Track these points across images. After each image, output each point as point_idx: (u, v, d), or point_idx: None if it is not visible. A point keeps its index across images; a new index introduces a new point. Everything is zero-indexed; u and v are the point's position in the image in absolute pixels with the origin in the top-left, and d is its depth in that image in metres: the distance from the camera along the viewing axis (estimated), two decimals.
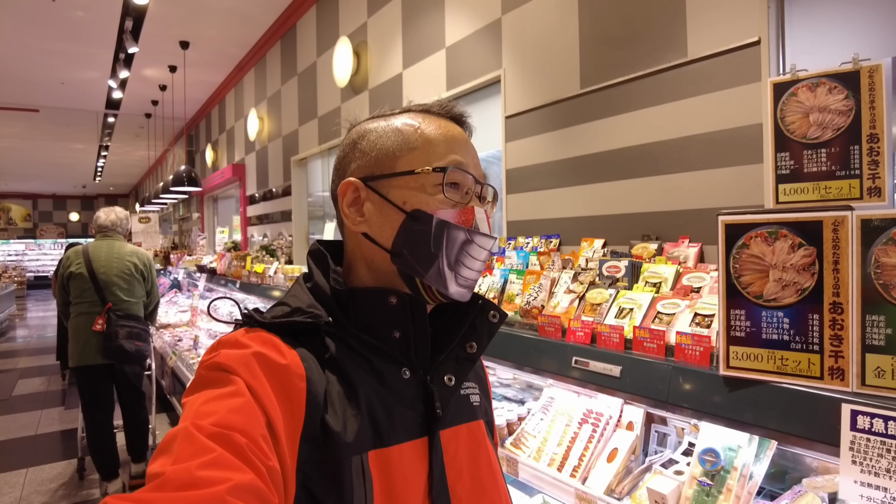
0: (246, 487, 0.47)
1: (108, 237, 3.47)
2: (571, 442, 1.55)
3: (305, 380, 0.60)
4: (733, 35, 1.77)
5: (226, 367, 0.58)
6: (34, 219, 22.04)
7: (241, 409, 0.54)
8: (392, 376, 0.67)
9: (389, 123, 0.75)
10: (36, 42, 6.44)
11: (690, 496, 1.25)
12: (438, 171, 0.70)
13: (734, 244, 1.15)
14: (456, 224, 0.70)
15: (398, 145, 0.72)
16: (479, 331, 0.75)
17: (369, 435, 0.62)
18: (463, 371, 0.73)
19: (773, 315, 1.10)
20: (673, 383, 1.23)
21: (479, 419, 0.78)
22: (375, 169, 0.73)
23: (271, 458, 0.53)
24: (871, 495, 0.93)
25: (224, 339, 0.64)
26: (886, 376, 0.98)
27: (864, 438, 0.95)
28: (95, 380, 3.30)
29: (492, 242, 0.74)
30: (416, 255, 0.69)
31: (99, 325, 3.22)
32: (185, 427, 0.51)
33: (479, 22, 3.04)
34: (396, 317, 0.68)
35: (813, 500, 1.21)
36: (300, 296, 0.71)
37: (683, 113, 1.92)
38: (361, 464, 0.60)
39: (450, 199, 0.70)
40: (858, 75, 1.28)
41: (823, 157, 1.33)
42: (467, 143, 0.76)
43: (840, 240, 1.04)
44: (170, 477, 0.46)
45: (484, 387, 0.86)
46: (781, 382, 1.06)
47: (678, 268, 1.60)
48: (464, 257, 0.70)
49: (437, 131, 0.74)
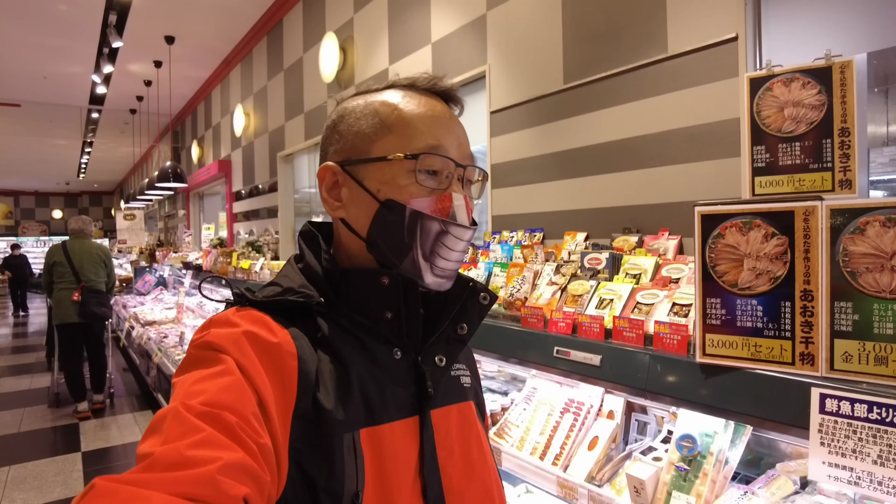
0: (237, 466, 0.47)
1: (79, 237, 5.04)
2: (553, 431, 1.58)
3: (297, 358, 0.60)
4: (712, 31, 1.80)
5: (216, 346, 0.57)
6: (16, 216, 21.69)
7: (231, 387, 0.53)
8: (384, 356, 0.67)
9: (369, 103, 0.72)
10: (18, 35, 6.34)
11: (668, 481, 1.28)
12: (410, 158, 0.68)
13: (710, 234, 1.17)
14: (431, 214, 0.68)
15: (374, 128, 0.70)
16: (469, 312, 0.74)
17: (361, 413, 0.62)
18: (454, 352, 0.73)
19: (747, 303, 1.13)
20: (651, 371, 1.26)
21: (469, 400, 0.78)
22: (352, 153, 0.71)
23: (263, 436, 0.53)
24: (839, 475, 0.96)
25: (215, 318, 0.63)
26: (853, 361, 1.01)
27: (831, 421, 0.98)
28: (72, 333, 4.87)
29: (469, 233, 0.71)
30: (389, 246, 0.68)
31: (76, 297, 4.75)
32: (175, 407, 0.50)
33: (464, 17, 3.06)
34: (388, 297, 0.67)
35: (785, 483, 1.24)
36: (292, 276, 0.70)
37: (664, 108, 1.95)
38: (353, 441, 0.60)
39: (424, 186, 0.68)
40: (830, 71, 1.32)
41: (797, 150, 1.36)
42: (450, 122, 0.72)
43: (811, 229, 1.06)
44: (159, 457, 0.45)
45: (474, 369, 0.86)
46: (755, 368, 1.08)
47: (658, 259, 1.63)
48: (439, 248, 0.69)
49: (416, 111, 0.70)
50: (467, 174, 0.73)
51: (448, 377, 0.74)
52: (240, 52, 6.87)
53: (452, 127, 0.72)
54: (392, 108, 0.71)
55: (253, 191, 6.71)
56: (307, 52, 5.09)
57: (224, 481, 0.45)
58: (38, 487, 3.55)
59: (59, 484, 3.61)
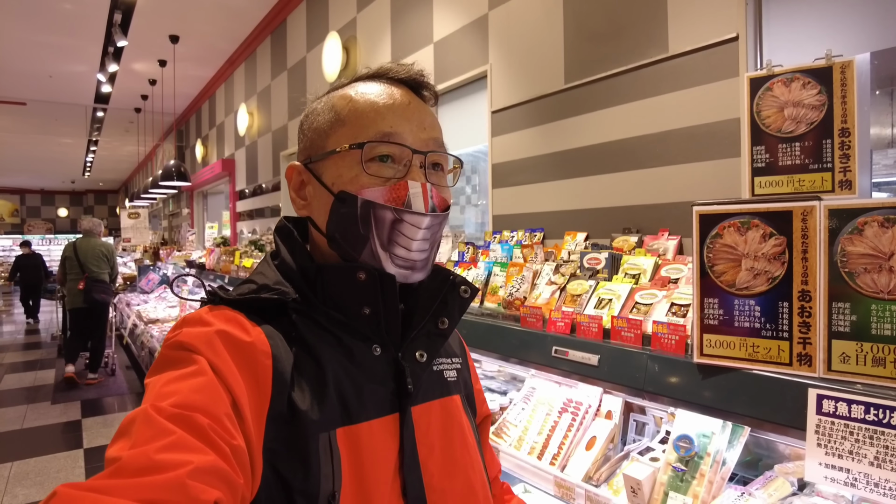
0: (207, 469, 0.46)
1: (88, 236, 6.07)
2: (551, 431, 1.58)
3: (271, 357, 0.59)
4: (712, 31, 1.80)
5: (188, 346, 0.56)
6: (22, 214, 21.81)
7: (204, 388, 0.52)
8: (362, 353, 0.66)
9: (330, 98, 0.72)
10: (24, 34, 6.38)
11: (665, 482, 1.27)
12: (356, 148, 0.67)
13: (708, 234, 1.17)
14: (383, 203, 0.66)
15: (329, 123, 0.70)
16: (450, 306, 0.73)
17: (337, 412, 0.61)
18: (434, 347, 0.72)
19: (745, 303, 1.12)
20: (649, 371, 1.26)
21: (453, 394, 0.77)
22: (312, 151, 0.72)
23: (236, 437, 0.52)
24: (835, 476, 0.96)
25: (188, 317, 0.62)
26: (851, 362, 1.01)
27: (828, 422, 0.97)
28: (79, 316, 5.91)
29: (427, 220, 0.68)
30: (346, 238, 0.68)
31: (81, 286, 5.76)
32: (145, 409, 0.49)
33: (466, 17, 3.06)
34: (366, 293, 0.66)
35: (783, 485, 1.24)
36: (267, 273, 0.69)
37: (664, 108, 1.95)
38: (329, 441, 0.59)
39: (376, 175, 0.67)
40: (831, 71, 1.31)
41: (797, 150, 1.36)
42: (408, 109, 0.70)
43: (809, 229, 1.06)
44: (127, 462, 0.44)
45: (465, 360, 0.85)
46: (752, 369, 1.08)
47: (657, 260, 1.63)
48: (397, 236, 0.67)
49: (370, 101, 0.69)
50: (431, 159, 0.70)
51: (430, 372, 0.73)
52: (244, 51, 6.89)
53: (411, 113, 0.70)
54: (347, 101, 0.70)
55: (256, 190, 6.73)
56: (310, 51, 5.10)
57: (194, 486, 0.44)
58: (41, 483, 3.58)
59: (62, 480, 3.59)
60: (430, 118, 0.72)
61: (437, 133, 0.72)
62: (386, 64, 0.74)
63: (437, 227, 0.71)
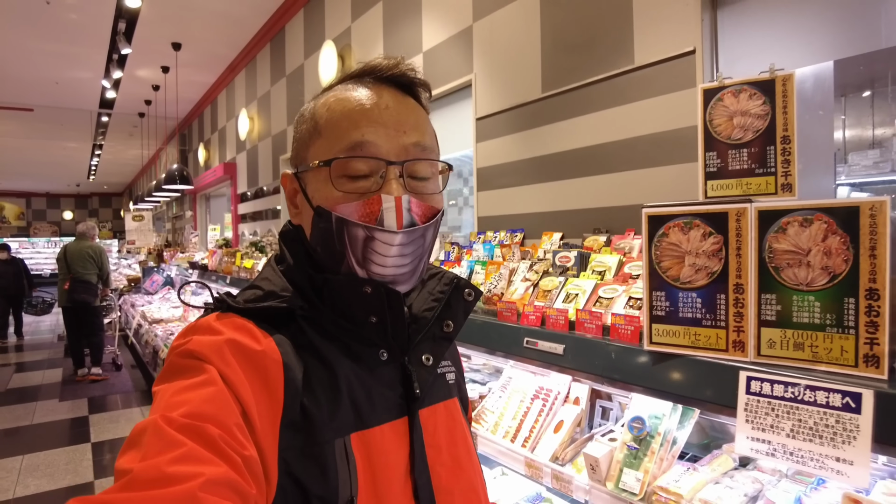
0: (219, 481, 0.45)
1: (80, 239, 6.31)
2: (524, 416, 1.70)
3: (282, 365, 0.59)
4: (672, 44, 1.91)
5: (198, 355, 0.56)
6: (28, 217, 22.00)
7: (214, 398, 0.51)
8: (370, 358, 0.66)
9: (315, 104, 0.70)
10: (31, 43, 6.52)
11: (620, 459, 1.39)
12: (324, 166, 0.65)
13: (656, 233, 1.28)
14: (355, 221, 0.64)
15: (309, 134, 0.69)
16: (454, 309, 0.73)
17: (350, 417, 0.61)
18: (440, 350, 0.72)
19: (687, 296, 1.23)
20: (607, 358, 1.37)
21: (454, 397, 0.77)
22: (297, 161, 0.71)
23: (247, 447, 0.51)
24: (759, 448, 1.08)
25: (196, 324, 0.61)
26: (776, 347, 1.12)
27: (755, 400, 1.08)
28: (68, 315, 6.23)
29: (398, 237, 0.65)
30: (326, 252, 0.67)
31: (66, 286, 6.04)
32: (154, 420, 0.48)
33: (452, 28, 3.17)
34: (372, 304, 0.65)
35: (726, 461, 1.36)
36: (273, 279, 0.68)
37: (631, 116, 2.07)
38: (345, 446, 0.59)
39: (348, 192, 0.64)
40: (774, 83, 1.42)
41: (745, 156, 1.46)
42: (384, 113, 0.66)
43: (742, 229, 1.17)
44: (138, 475, 0.43)
45: (457, 363, 0.85)
46: (695, 355, 1.19)
47: (621, 258, 1.74)
48: (370, 254, 0.65)
49: (346, 108, 0.66)
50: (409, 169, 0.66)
51: (435, 375, 0.72)
52: (244, 58, 7.02)
53: (388, 117, 0.66)
54: (325, 109, 0.68)
55: (257, 192, 6.86)
56: (308, 58, 5.23)
57: (206, 498, 0.43)
58: (51, 475, 3.72)
59: (70, 472, 3.77)
60: (412, 119, 0.68)
61: (419, 136, 0.67)
62: (374, 60, 0.69)
63: (418, 239, 0.67)
